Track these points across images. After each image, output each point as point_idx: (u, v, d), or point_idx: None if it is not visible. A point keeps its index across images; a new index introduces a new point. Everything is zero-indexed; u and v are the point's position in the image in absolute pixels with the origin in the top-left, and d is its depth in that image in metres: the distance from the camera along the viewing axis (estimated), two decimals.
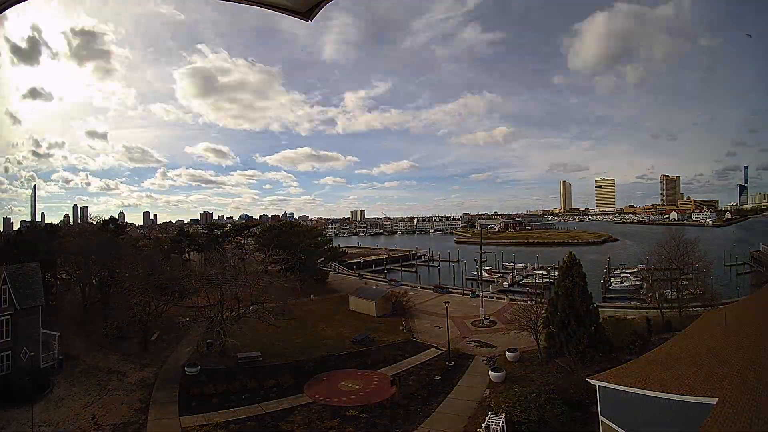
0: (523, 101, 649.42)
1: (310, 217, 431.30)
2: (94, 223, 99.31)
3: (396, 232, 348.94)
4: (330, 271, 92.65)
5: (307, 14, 4.81)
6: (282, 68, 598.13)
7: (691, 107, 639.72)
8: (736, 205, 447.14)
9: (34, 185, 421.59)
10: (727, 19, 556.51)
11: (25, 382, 32.81)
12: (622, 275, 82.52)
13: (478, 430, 26.16)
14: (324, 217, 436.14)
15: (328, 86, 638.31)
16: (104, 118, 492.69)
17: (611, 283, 79.00)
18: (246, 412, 30.33)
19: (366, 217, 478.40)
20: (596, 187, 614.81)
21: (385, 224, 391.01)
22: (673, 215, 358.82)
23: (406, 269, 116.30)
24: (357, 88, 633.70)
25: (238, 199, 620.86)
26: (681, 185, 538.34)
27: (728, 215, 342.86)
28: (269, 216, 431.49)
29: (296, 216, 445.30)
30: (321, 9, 4.78)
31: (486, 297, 60.63)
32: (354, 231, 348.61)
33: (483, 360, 38.28)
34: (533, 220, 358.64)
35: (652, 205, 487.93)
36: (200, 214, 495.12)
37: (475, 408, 30.03)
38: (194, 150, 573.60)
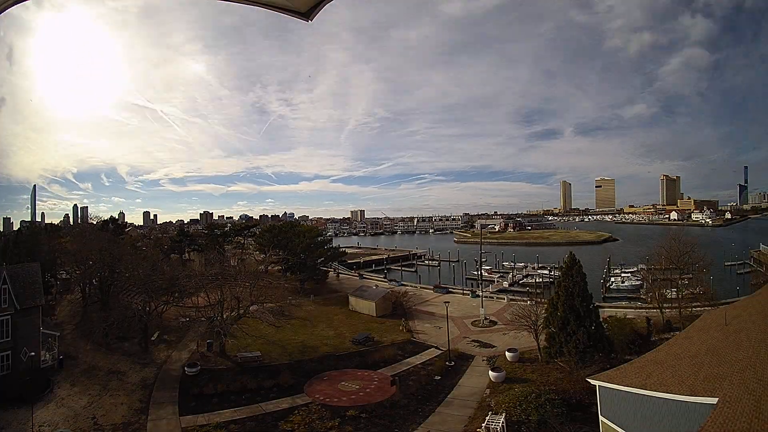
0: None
1: (310, 217, 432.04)
2: (94, 223, 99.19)
3: (396, 232, 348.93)
4: (330, 271, 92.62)
5: (307, 14, 4.81)
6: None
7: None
8: (736, 205, 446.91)
9: (35, 185, 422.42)
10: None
11: (25, 382, 32.79)
12: (622, 275, 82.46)
13: (478, 430, 26.16)
14: (324, 217, 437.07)
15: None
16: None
17: (611, 282, 78.96)
18: (246, 412, 30.35)
19: (366, 217, 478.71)
20: (596, 187, 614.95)
21: (385, 224, 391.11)
22: (673, 215, 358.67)
23: (406, 269, 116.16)
24: None
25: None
26: (681, 185, 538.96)
27: (728, 215, 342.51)
28: (269, 216, 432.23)
29: (296, 216, 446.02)
30: (321, 9, 4.78)
31: (486, 297, 60.62)
32: (354, 231, 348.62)
33: (483, 360, 38.29)
34: (533, 220, 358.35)
35: (652, 205, 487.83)
36: (200, 214, 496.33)
37: (475, 408, 30.04)
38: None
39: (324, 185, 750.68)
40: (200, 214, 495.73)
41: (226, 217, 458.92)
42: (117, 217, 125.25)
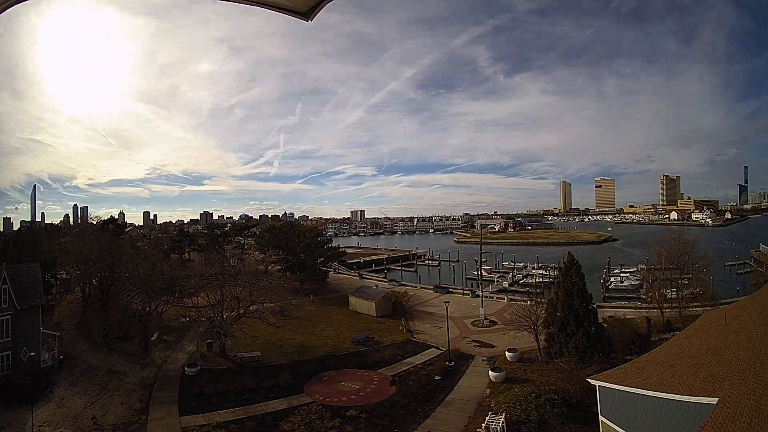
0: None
1: (310, 217, 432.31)
2: (94, 223, 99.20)
3: (396, 232, 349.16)
4: (330, 271, 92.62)
5: (307, 14, 4.81)
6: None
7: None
8: (736, 204, 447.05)
9: (35, 185, 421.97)
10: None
11: (25, 382, 32.80)
12: (622, 275, 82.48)
13: (478, 430, 26.17)
14: (324, 217, 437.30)
15: None
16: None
17: (611, 283, 78.93)
18: (246, 412, 30.33)
19: (366, 217, 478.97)
20: (596, 187, 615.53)
21: (385, 224, 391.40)
22: (673, 215, 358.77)
23: (406, 269, 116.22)
24: None
25: None
26: (681, 185, 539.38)
27: (728, 215, 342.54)
28: (269, 216, 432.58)
29: (296, 216, 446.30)
30: (321, 9, 4.78)
31: (486, 297, 60.63)
32: (354, 231, 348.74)
33: (483, 360, 38.28)
34: (533, 220, 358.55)
35: (652, 205, 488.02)
36: (200, 213, 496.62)
37: (475, 408, 30.03)
38: None
39: (230, 184, 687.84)
40: (200, 213, 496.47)
41: (226, 217, 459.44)
42: (117, 217, 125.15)
